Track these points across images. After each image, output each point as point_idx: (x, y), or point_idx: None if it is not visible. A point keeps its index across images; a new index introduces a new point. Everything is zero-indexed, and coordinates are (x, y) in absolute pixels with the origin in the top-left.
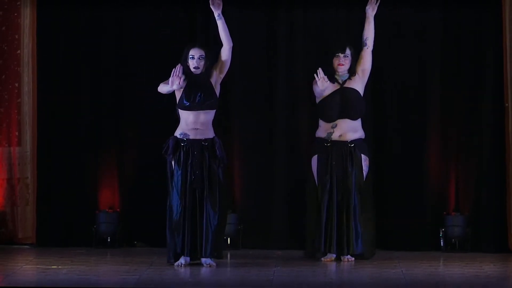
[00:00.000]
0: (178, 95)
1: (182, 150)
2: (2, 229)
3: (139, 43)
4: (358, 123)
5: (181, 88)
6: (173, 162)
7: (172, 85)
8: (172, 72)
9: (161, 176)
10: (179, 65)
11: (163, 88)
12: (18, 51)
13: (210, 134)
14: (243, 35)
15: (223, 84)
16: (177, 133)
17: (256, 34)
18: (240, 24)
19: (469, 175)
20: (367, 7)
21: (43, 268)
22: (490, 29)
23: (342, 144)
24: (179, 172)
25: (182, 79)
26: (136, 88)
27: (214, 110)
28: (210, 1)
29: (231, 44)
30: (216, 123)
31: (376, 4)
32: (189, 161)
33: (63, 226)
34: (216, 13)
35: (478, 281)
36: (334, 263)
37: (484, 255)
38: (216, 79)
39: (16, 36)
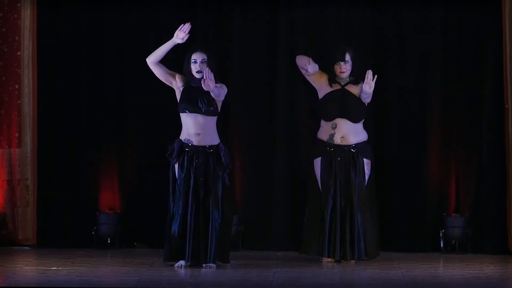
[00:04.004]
0: (178, 97)
1: (186, 156)
2: (3, 231)
3: (140, 44)
4: (359, 125)
5: (183, 40)
6: (176, 166)
7: (176, 37)
8: (180, 27)
9: (162, 178)
10: (188, 23)
11: (151, 56)
12: (18, 53)
13: (215, 140)
14: (244, 35)
15: (223, 82)
16: (182, 137)
17: (257, 34)
18: (240, 23)
19: (469, 176)
20: (364, 85)
21: (43, 269)
22: (490, 29)
23: (345, 149)
24: (182, 176)
25: (187, 35)
26: (137, 89)
27: (215, 117)
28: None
29: (226, 90)
30: (216, 124)
31: (373, 81)
32: (193, 167)
33: (64, 227)
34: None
35: (478, 282)
36: (334, 264)
37: (484, 256)
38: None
39: (16, 38)
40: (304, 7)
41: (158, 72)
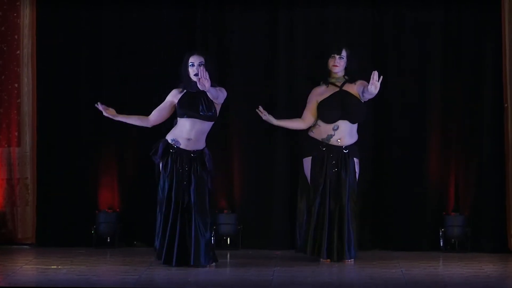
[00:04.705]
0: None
1: (170, 157)
2: (2, 230)
3: (139, 44)
4: (355, 127)
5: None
6: (161, 166)
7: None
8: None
9: None
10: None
11: (144, 125)
12: (18, 52)
13: (201, 145)
14: (244, 35)
15: (223, 82)
16: (169, 138)
17: (257, 34)
18: (240, 23)
19: (469, 175)
20: (369, 86)
21: (43, 268)
22: (490, 29)
23: (337, 149)
24: (166, 177)
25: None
26: (137, 89)
27: (212, 122)
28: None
29: (225, 94)
30: (216, 124)
31: (378, 81)
32: (177, 168)
33: (63, 226)
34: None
35: (477, 281)
36: (333, 263)
37: (484, 255)
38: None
39: (16, 37)
40: (304, 7)
41: (162, 117)
